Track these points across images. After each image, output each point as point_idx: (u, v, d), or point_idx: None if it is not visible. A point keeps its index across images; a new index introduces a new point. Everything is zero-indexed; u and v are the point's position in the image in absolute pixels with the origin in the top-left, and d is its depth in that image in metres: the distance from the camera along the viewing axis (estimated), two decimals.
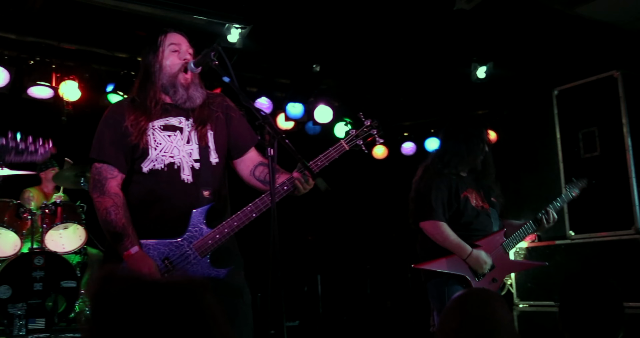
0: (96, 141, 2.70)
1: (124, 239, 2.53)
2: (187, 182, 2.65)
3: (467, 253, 3.43)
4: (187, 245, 2.57)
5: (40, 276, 5.00)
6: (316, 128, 7.41)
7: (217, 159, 2.75)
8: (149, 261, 2.51)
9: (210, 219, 2.60)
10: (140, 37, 5.93)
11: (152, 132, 2.67)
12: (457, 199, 3.55)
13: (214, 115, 2.79)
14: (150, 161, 2.65)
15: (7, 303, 4.82)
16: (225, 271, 2.58)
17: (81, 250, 5.58)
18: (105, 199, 2.59)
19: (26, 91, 5.85)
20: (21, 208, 5.36)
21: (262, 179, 2.80)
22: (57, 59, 5.93)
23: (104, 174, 2.64)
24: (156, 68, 2.71)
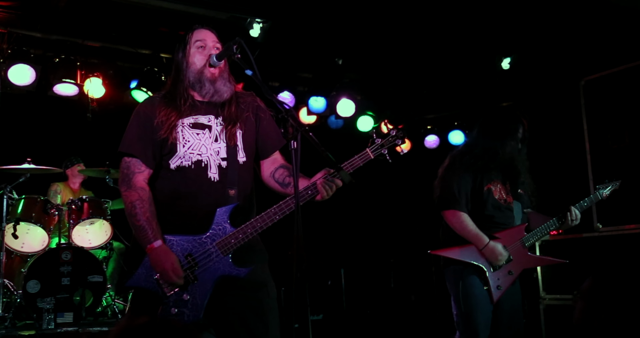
0: (126, 135, 2.72)
1: (148, 232, 2.55)
2: (213, 180, 2.66)
3: (484, 244, 3.45)
4: (210, 242, 2.58)
5: (68, 271, 5.07)
6: (339, 121, 7.38)
7: (244, 159, 2.75)
8: (172, 256, 2.52)
9: (235, 218, 2.61)
10: (163, 33, 5.98)
11: (181, 129, 2.68)
12: (480, 192, 3.55)
13: (243, 115, 2.79)
14: (178, 158, 2.66)
15: (36, 298, 4.90)
16: (246, 270, 2.58)
17: (107, 244, 5.65)
18: (132, 193, 2.62)
19: (52, 89, 5.92)
20: (48, 204, 5.44)
21: (280, 181, 2.81)
22: (82, 56, 5.99)
23: (132, 169, 2.67)
24: (184, 66, 2.73)
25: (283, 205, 2.58)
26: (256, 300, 2.65)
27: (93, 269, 5.19)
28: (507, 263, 3.50)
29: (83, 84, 5.95)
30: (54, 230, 5.43)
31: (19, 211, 5.28)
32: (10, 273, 5.25)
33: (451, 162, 3.64)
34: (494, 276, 3.47)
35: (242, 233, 2.57)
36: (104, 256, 5.69)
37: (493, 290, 3.45)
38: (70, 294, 5.03)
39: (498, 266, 3.48)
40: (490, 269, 3.47)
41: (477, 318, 3.43)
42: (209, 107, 2.75)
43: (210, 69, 2.70)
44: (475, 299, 3.45)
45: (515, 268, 3.53)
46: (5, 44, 5.58)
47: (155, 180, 2.71)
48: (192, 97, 2.74)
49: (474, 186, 3.56)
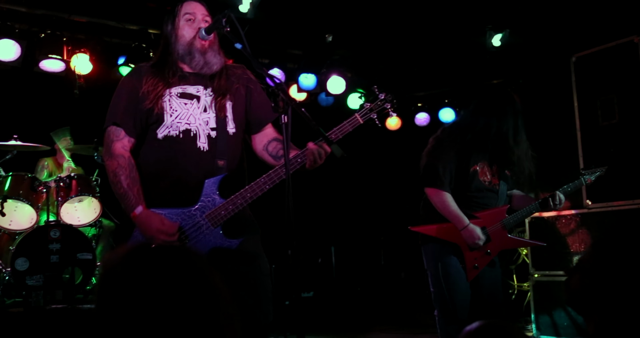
0: (111, 105, 2.70)
1: (130, 199, 2.54)
2: (202, 150, 2.64)
3: (464, 226, 3.44)
4: (200, 214, 2.56)
5: (57, 248, 5.04)
6: (329, 99, 7.35)
7: (234, 130, 2.73)
8: (155, 218, 2.50)
9: (224, 189, 2.59)
10: (151, 8, 5.88)
11: (168, 98, 2.66)
12: (466, 172, 3.53)
13: (233, 86, 2.77)
14: (166, 128, 2.64)
15: (25, 275, 4.87)
16: (237, 241, 2.57)
17: (96, 222, 5.62)
18: (112, 162, 2.61)
19: (38, 65, 5.82)
20: (36, 181, 5.39)
21: (274, 154, 2.79)
22: (68, 32, 5.88)
23: (111, 137, 2.65)
24: (173, 39, 2.71)
25: (272, 174, 2.57)
26: (247, 274, 2.64)
27: (82, 247, 5.16)
28: (485, 243, 3.49)
29: (70, 60, 5.85)
30: (42, 207, 5.38)
31: (7, 189, 5.22)
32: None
33: (439, 139, 3.61)
34: (471, 255, 3.47)
35: (232, 204, 2.56)
36: (93, 234, 5.66)
37: (469, 269, 3.47)
38: (60, 272, 5.01)
39: (476, 247, 3.49)
40: (468, 249, 3.47)
41: (455, 296, 3.44)
42: (197, 78, 2.72)
43: (200, 40, 2.67)
44: (453, 277, 3.46)
45: (493, 248, 3.53)
46: None
47: (142, 151, 2.69)
48: (181, 69, 2.71)
49: (460, 166, 3.53)
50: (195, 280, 1.17)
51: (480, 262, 3.50)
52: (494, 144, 3.54)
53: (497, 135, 3.53)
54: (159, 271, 1.16)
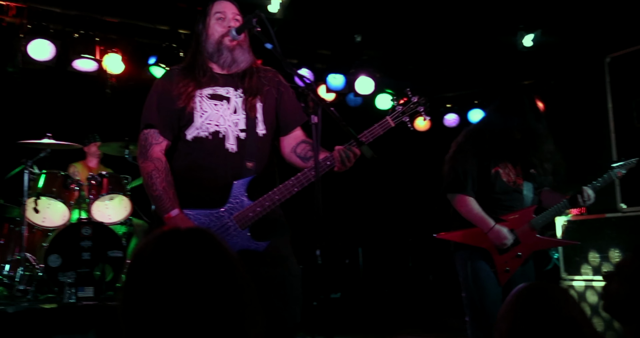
0: (145, 107, 2.73)
1: (165, 202, 2.55)
2: (231, 151, 2.64)
3: (489, 228, 3.37)
4: (228, 216, 2.56)
5: (88, 246, 5.11)
6: (357, 99, 7.33)
7: (264, 131, 2.73)
8: (189, 224, 2.51)
9: (253, 191, 2.59)
10: (182, 9, 5.94)
11: (199, 99, 2.67)
12: (487, 174, 3.45)
13: (264, 88, 2.77)
14: (195, 129, 2.65)
15: (58, 272, 4.96)
16: (265, 243, 2.57)
17: (127, 220, 5.69)
18: (148, 164, 2.62)
19: (71, 64, 5.92)
20: (69, 179, 5.48)
21: (302, 156, 2.77)
22: (101, 32, 5.97)
23: (150, 140, 2.67)
24: (203, 37, 2.73)
25: (301, 177, 2.56)
26: (275, 276, 2.62)
27: (113, 244, 5.23)
28: (514, 245, 3.42)
29: (102, 60, 5.95)
30: (74, 205, 5.47)
31: (40, 186, 5.32)
32: (32, 247, 5.30)
33: (460, 143, 3.55)
34: (501, 259, 3.39)
35: (260, 206, 2.55)
36: (123, 232, 5.73)
37: (501, 273, 3.40)
38: (91, 269, 5.09)
39: (504, 250, 3.41)
40: (497, 253, 3.40)
41: (485, 301, 3.38)
42: (228, 79, 2.73)
43: (229, 38, 2.68)
44: (483, 282, 3.40)
45: (524, 250, 3.45)
46: (25, 19, 5.57)
47: (172, 152, 2.70)
48: (211, 69, 2.73)
49: (482, 168, 3.46)
50: (221, 263, 1.19)
51: (511, 265, 3.42)
52: (516, 144, 3.47)
53: (517, 135, 3.46)
54: (186, 253, 1.17)
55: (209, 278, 1.14)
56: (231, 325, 1.12)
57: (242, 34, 2.68)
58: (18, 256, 5.11)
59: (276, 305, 2.58)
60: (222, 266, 1.17)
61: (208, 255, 1.17)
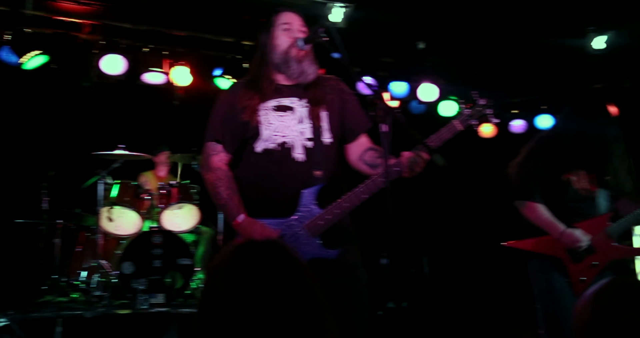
0: (209, 121, 2.78)
1: (231, 209, 2.60)
2: (298, 160, 2.66)
3: (560, 232, 3.24)
4: (298, 224, 2.58)
5: (159, 253, 5.26)
6: (420, 106, 7.29)
7: (330, 139, 2.74)
8: (258, 225, 2.54)
9: (322, 199, 2.60)
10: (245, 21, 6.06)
11: (264, 112, 2.70)
12: (558, 181, 3.34)
13: (328, 96, 2.78)
14: (263, 141, 2.68)
15: (131, 279, 5.11)
16: (335, 252, 2.57)
17: (195, 229, 5.82)
18: (210, 175, 2.68)
19: (141, 78, 6.14)
20: (140, 188, 5.66)
21: (369, 163, 2.76)
22: (169, 45, 6.17)
23: (209, 152, 2.73)
24: (269, 48, 2.75)
25: (370, 184, 2.55)
26: (345, 285, 2.62)
27: (182, 252, 5.36)
28: (590, 254, 3.28)
29: (170, 73, 6.13)
30: (145, 214, 5.64)
31: (114, 196, 5.52)
32: (107, 255, 5.49)
33: (529, 149, 3.45)
34: (575, 268, 3.26)
35: (330, 214, 2.56)
36: (192, 240, 5.86)
37: (576, 283, 3.25)
38: (162, 276, 5.22)
39: (579, 258, 3.27)
40: (571, 262, 3.27)
41: (560, 313, 3.23)
42: (292, 89, 2.75)
43: (296, 49, 2.69)
44: (557, 293, 3.26)
45: (600, 259, 3.29)
46: (98, 36, 5.82)
47: (241, 164, 2.74)
48: (275, 80, 2.75)
49: (552, 175, 3.35)
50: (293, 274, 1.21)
51: (587, 275, 3.27)
52: (589, 151, 3.36)
53: (590, 141, 3.34)
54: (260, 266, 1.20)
55: (282, 289, 1.15)
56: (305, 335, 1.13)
57: (309, 44, 2.70)
58: (94, 263, 5.31)
59: (346, 314, 2.58)
60: (294, 277, 1.18)
61: (280, 267, 1.18)
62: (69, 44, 5.69)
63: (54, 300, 5.06)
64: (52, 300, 5.06)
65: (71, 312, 4.57)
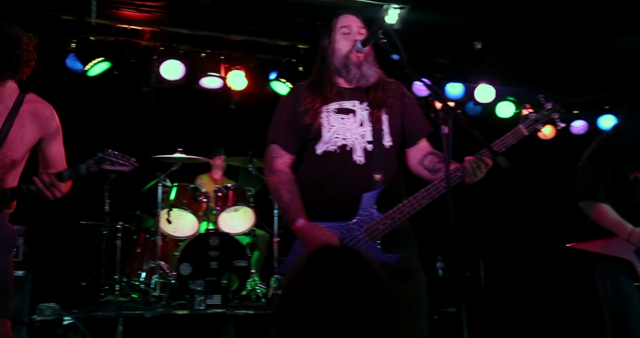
0: (271, 124, 2.81)
1: (291, 212, 2.61)
2: (359, 164, 2.65)
3: (628, 231, 3.14)
4: (358, 228, 2.57)
5: (216, 255, 5.34)
6: (477, 108, 7.18)
7: (390, 143, 2.73)
8: (318, 229, 2.54)
9: (382, 203, 2.58)
10: (300, 24, 6.10)
11: (326, 115, 2.71)
12: (625, 180, 3.25)
13: (389, 100, 2.77)
14: (324, 143, 2.69)
15: (188, 280, 5.21)
16: (395, 256, 2.54)
17: (250, 231, 5.88)
18: (272, 177, 2.71)
19: (198, 82, 6.26)
20: (197, 191, 5.76)
21: (430, 168, 2.73)
22: (225, 50, 6.27)
23: (272, 154, 2.76)
24: (330, 52, 2.76)
25: (431, 189, 2.52)
26: (405, 289, 2.59)
27: (238, 254, 5.42)
28: None
29: (226, 77, 6.22)
30: (202, 216, 5.74)
31: (172, 198, 5.64)
32: (165, 256, 5.62)
33: (593, 150, 3.38)
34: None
35: (390, 218, 2.54)
36: (247, 242, 5.92)
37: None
38: (218, 277, 5.30)
39: None
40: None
41: (629, 319, 3.13)
42: (353, 92, 2.76)
43: (356, 53, 2.70)
44: (625, 298, 3.16)
45: None
46: (157, 42, 5.97)
47: (302, 166, 2.77)
48: (337, 83, 2.76)
49: (618, 174, 3.26)
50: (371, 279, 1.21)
51: None
52: None
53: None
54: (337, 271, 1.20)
55: (360, 294, 1.15)
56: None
57: (367, 46, 2.69)
58: (153, 264, 5.43)
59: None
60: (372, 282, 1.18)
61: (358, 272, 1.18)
62: (130, 50, 5.84)
63: (115, 300, 5.19)
64: (113, 300, 5.20)
65: (132, 312, 4.69)
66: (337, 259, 1.21)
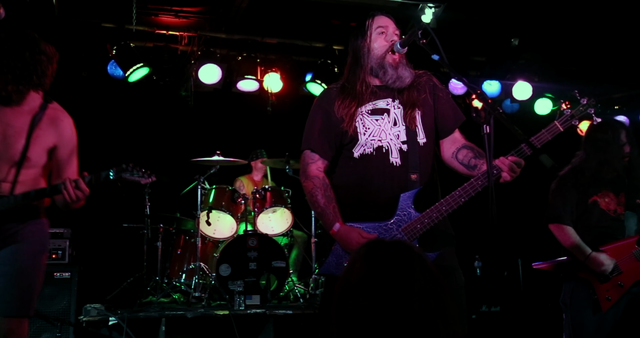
0: (305, 129, 2.83)
1: (328, 217, 2.64)
2: (395, 165, 2.67)
3: (586, 255, 3.44)
4: (396, 228, 2.58)
5: (254, 256, 5.38)
6: (514, 105, 7.11)
7: (424, 140, 2.73)
8: (354, 233, 2.56)
9: (419, 203, 2.59)
10: (335, 25, 6.12)
11: (360, 117, 2.72)
12: (585, 204, 3.57)
13: (421, 97, 2.77)
14: (360, 146, 2.71)
15: (228, 280, 5.27)
16: (434, 255, 2.55)
17: (288, 232, 5.92)
18: (308, 183, 2.73)
19: (235, 86, 6.33)
20: (235, 193, 5.83)
21: (465, 163, 2.73)
22: (261, 53, 6.33)
23: (306, 160, 2.78)
24: (364, 51, 2.75)
25: (468, 187, 2.53)
26: None
27: (276, 255, 5.46)
28: (616, 275, 3.43)
29: (262, 80, 6.28)
30: (240, 218, 5.80)
31: (211, 200, 5.72)
32: (205, 257, 5.70)
33: (561, 176, 3.69)
34: (602, 288, 3.44)
35: (428, 217, 2.56)
36: (285, 243, 5.97)
37: (602, 300, 3.43)
38: (257, 278, 5.34)
39: (605, 279, 3.43)
40: (597, 281, 3.44)
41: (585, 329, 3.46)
42: (386, 91, 2.76)
43: (392, 55, 2.71)
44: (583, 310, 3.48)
45: (626, 280, 3.43)
46: (195, 47, 6.06)
47: (338, 170, 2.78)
48: (370, 83, 2.76)
49: (580, 198, 3.58)
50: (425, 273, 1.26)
51: (612, 294, 3.43)
52: (612, 175, 3.55)
53: (613, 164, 3.54)
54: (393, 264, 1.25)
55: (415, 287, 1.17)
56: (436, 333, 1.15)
57: (405, 47, 2.69)
58: (193, 265, 5.52)
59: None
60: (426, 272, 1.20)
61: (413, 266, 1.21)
62: (168, 55, 5.95)
63: (157, 301, 5.28)
64: (155, 301, 5.29)
65: (174, 312, 4.77)
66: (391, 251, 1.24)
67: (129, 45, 5.77)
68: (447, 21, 5.67)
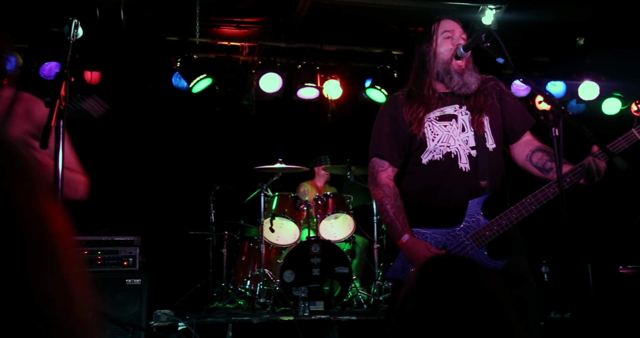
0: (372, 136, 2.83)
1: (397, 227, 2.61)
2: (464, 171, 2.64)
3: None
4: (464, 235, 2.55)
5: (317, 262, 5.41)
6: (580, 106, 6.90)
7: (494, 145, 2.69)
8: (421, 246, 2.53)
9: (488, 209, 2.56)
10: (394, 31, 6.10)
11: (429, 123, 2.71)
12: None
13: (488, 102, 2.74)
14: (429, 152, 2.69)
15: (292, 287, 5.32)
16: (503, 263, 2.50)
17: (350, 238, 5.93)
18: (378, 191, 2.71)
19: (296, 93, 6.41)
20: (298, 200, 5.89)
21: (540, 166, 2.67)
22: (321, 60, 6.39)
23: (376, 168, 2.77)
24: (430, 56, 2.73)
25: (539, 195, 2.47)
26: (515, 295, 2.55)
27: (339, 261, 5.47)
28: None
29: (322, 87, 6.33)
30: (303, 224, 5.85)
31: (274, 208, 5.79)
32: (269, 264, 5.77)
33: None
34: None
35: (497, 224, 2.51)
36: (347, 249, 5.97)
37: None
38: (320, 284, 5.37)
39: None
40: None
41: None
42: (453, 97, 2.74)
43: (457, 61, 2.68)
44: None
45: None
46: (256, 56, 6.18)
47: (406, 176, 2.77)
48: (436, 90, 2.74)
49: None
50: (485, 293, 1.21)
51: None
52: None
53: None
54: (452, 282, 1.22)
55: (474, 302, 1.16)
56: None
57: (469, 51, 2.66)
58: (257, 272, 5.60)
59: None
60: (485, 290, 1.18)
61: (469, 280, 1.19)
62: (230, 66, 6.08)
63: (223, 307, 5.39)
64: (221, 307, 5.40)
65: (240, 318, 4.85)
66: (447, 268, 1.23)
67: (192, 57, 5.93)
68: (509, 22, 5.56)
